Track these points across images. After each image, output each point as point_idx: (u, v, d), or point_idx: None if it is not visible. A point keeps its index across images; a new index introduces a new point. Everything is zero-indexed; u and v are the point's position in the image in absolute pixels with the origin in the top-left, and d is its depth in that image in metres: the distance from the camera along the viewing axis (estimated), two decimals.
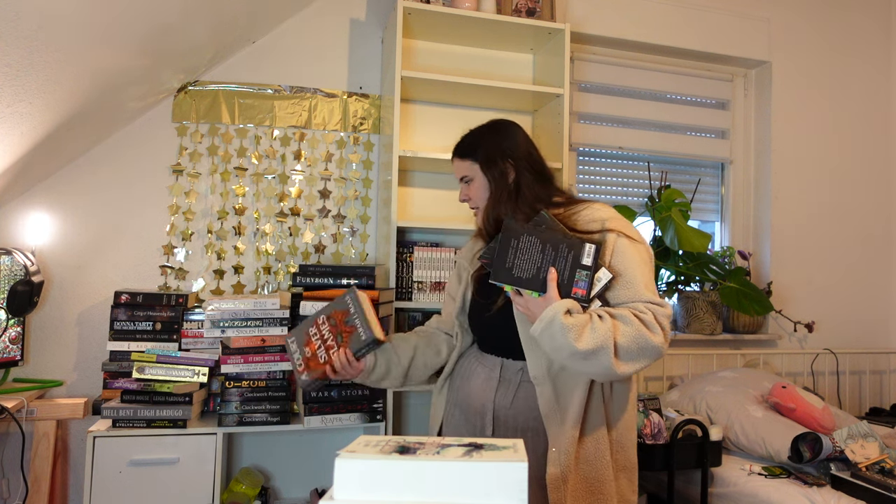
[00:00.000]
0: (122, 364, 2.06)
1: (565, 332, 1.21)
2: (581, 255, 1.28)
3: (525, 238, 1.30)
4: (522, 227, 1.32)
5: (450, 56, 2.61)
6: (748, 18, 3.03)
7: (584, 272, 1.28)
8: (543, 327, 1.23)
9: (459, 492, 0.60)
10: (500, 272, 1.29)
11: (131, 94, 2.16)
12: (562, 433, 1.32)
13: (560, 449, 1.32)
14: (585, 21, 2.77)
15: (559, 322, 1.21)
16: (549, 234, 1.31)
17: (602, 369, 1.23)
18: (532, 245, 1.29)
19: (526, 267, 1.29)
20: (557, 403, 1.34)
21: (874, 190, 3.26)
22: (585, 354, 1.21)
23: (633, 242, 1.35)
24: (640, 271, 1.32)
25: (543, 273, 1.28)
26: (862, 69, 3.27)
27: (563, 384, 1.34)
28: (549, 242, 1.29)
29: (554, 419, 1.33)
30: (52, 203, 2.23)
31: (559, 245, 1.29)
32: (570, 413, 1.33)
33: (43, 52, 1.55)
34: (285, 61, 2.48)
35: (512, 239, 1.30)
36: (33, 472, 2.02)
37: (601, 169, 2.99)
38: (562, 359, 1.26)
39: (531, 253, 1.29)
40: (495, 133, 1.51)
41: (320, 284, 2.06)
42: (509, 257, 1.29)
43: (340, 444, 1.61)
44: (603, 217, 1.37)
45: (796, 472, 2.02)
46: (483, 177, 1.48)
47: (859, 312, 3.18)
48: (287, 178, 2.45)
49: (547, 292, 1.26)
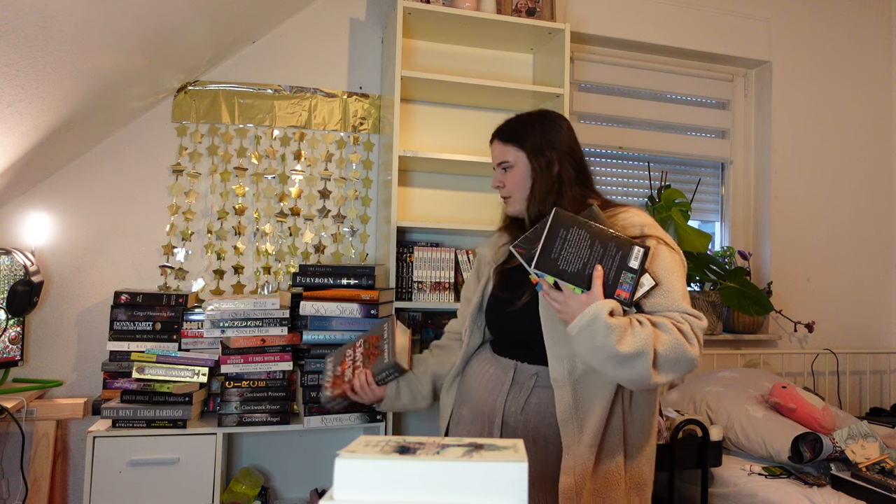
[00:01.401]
0: (122, 364, 2.06)
1: (609, 332, 1.16)
2: (629, 257, 1.24)
3: (575, 230, 1.23)
4: (574, 218, 1.25)
5: (450, 56, 2.61)
6: (748, 18, 3.03)
7: (629, 275, 1.24)
8: (585, 325, 1.18)
9: (459, 492, 0.60)
10: (545, 261, 1.21)
11: (131, 94, 2.16)
12: (578, 442, 1.27)
13: (576, 458, 1.27)
14: (585, 21, 2.77)
15: (603, 321, 1.17)
16: (600, 230, 1.25)
17: (637, 376, 1.19)
18: (581, 238, 1.23)
19: (572, 260, 1.22)
20: (576, 411, 1.28)
21: (874, 190, 3.26)
22: (625, 358, 1.17)
23: (671, 251, 1.32)
24: (679, 280, 1.29)
25: (589, 269, 1.22)
26: (862, 69, 3.27)
27: (585, 391, 1.29)
28: (598, 239, 1.24)
29: (571, 426, 1.28)
30: (52, 203, 2.23)
31: (608, 243, 1.24)
32: (589, 422, 1.28)
33: (43, 52, 1.55)
34: (285, 61, 2.48)
35: (562, 228, 1.23)
36: (33, 472, 2.01)
37: (601, 169, 2.99)
38: (598, 360, 1.21)
39: (579, 247, 1.23)
40: (544, 123, 1.46)
41: (320, 284, 2.06)
42: (556, 247, 1.22)
43: (340, 444, 1.60)
44: (643, 223, 1.34)
45: (796, 472, 2.02)
46: (528, 166, 1.43)
47: (859, 312, 3.18)
48: (287, 178, 2.45)
49: (591, 290, 1.21)
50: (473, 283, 1.61)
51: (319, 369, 2.04)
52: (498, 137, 1.50)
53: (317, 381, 2.04)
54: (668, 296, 1.27)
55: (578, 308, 1.21)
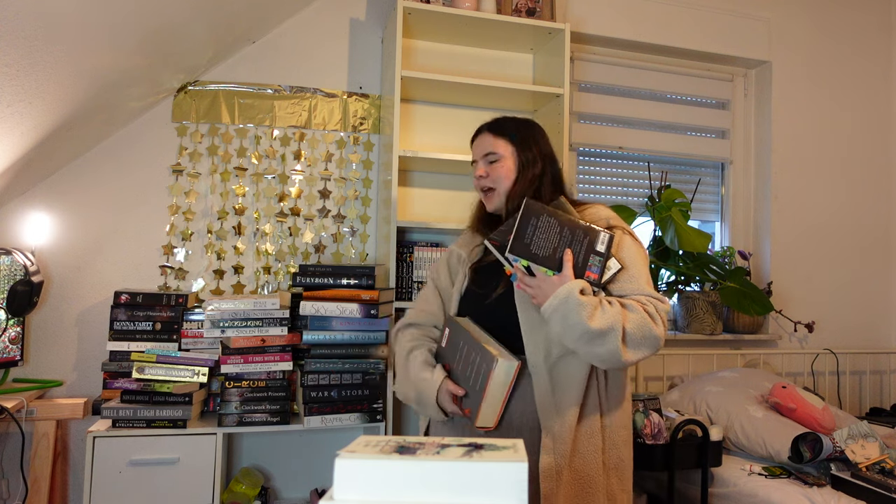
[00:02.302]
0: (122, 364, 2.06)
1: (580, 308, 1.24)
2: (596, 242, 1.33)
3: (545, 218, 1.33)
4: (543, 207, 1.35)
5: (450, 56, 2.61)
6: (748, 18, 3.03)
7: (597, 258, 1.33)
8: (558, 304, 1.26)
9: (459, 492, 0.60)
10: (518, 246, 1.30)
11: (131, 94, 2.16)
12: (558, 423, 1.33)
13: (555, 439, 1.33)
14: (585, 21, 2.77)
15: (575, 298, 1.24)
16: (568, 218, 1.35)
17: (608, 353, 1.26)
18: (551, 225, 1.32)
19: (543, 245, 1.31)
20: (553, 394, 1.35)
21: (874, 189, 3.26)
22: (596, 334, 1.24)
23: (634, 241, 1.43)
24: (643, 267, 1.39)
25: (560, 253, 1.31)
26: (862, 69, 3.27)
27: (561, 374, 1.35)
28: (566, 225, 1.33)
29: (549, 409, 1.34)
30: (52, 203, 2.23)
31: (576, 229, 1.33)
32: (566, 403, 1.34)
33: (43, 52, 1.55)
34: (285, 61, 2.48)
35: (532, 216, 1.32)
36: (33, 472, 2.01)
37: (601, 169, 2.99)
38: (571, 339, 1.27)
39: (549, 233, 1.32)
40: (529, 125, 1.57)
41: (320, 284, 2.06)
42: (528, 233, 1.31)
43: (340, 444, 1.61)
44: (607, 216, 1.46)
45: (796, 472, 2.02)
46: (514, 158, 1.50)
47: (859, 312, 3.18)
48: (287, 178, 2.45)
49: (563, 271, 1.29)
50: (446, 275, 1.60)
51: (319, 369, 2.04)
52: (488, 130, 1.56)
53: (317, 381, 2.04)
54: (633, 280, 1.36)
55: (551, 289, 1.28)
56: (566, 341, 1.30)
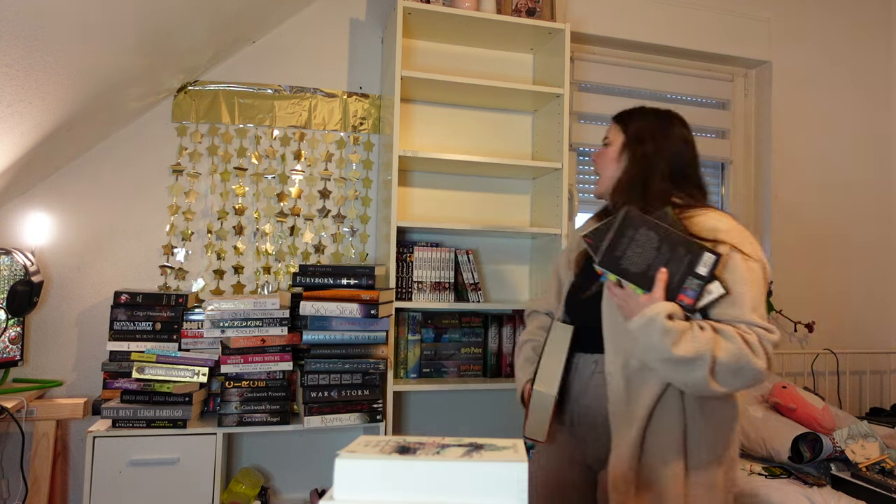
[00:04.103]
0: (122, 364, 2.06)
1: (663, 335, 1.17)
2: (697, 263, 1.21)
3: (643, 231, 1.23)
4: (643, 219, 1.24)
5: (450, 56, 2.61)
6: (748, 18, 3.03)
7: (696, 281, 1.21)
8: (642, 324, 1.20)
9: (459, 492, 0.60)
10: (609, 259, 1.23)
11: (131, 94, 2.16)
12: (629, 434, 1.29)
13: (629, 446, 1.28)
14: (585, 21, 2.77)
15: (660, 323, 1.18)
16: (670, 232, 1.24)
17: (693, 381, 1.19)
18: (648, 240, 1.23)
19: (637, 261, 1.23)
20: (628, 403, 1.30)
21: (874, 189, 3.26)
22: (679, 361, 1.17)
23: (746, 259, 1.27)
24: (750, 291, 1.24)
25: (653, 271, 1.22)
26: (862, 69, 3.27)
27: (638, 384, 1.30)
28: (666, 242, 1.23)
29: (622, 417, 1.30)
30: (52, 203, 2.23)
31: (677, 247, 1.22)
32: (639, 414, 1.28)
33: (43, 52, 1.55)
34: (285, 61, 2.48)
35: (629, 228, 1.23)
36: (33, 472, 2.01)
37: None
38: (653, 360, 1.23)
39: (646, 248, 1.23)
40: (658, 116, 1.50)
41: (320, 284, 2.06)
42: (622, 246, 1.23)
43: (340, 444, 1.61)
44: (717, 227, 1.30)
45: (796, 472, 2.02)
46: (622, 148, 1.46)
47: (859, 313, 3.18)
48: (287, 178, 2.45)
49: (652, 291, 1.21)
50: (565, 266, 1.58)
51: (319, 369, 2.04)
52: (617, 119, 1.55)
53: (317, 381, 2.04)
54: (735, 306, 1.23)
55: (637, 308, 1.22)
56: (648, 361, 1.25)
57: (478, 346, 2.45)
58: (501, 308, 2.50)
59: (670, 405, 1.29)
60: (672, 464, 1.27)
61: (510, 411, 2.61)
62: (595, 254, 1.26)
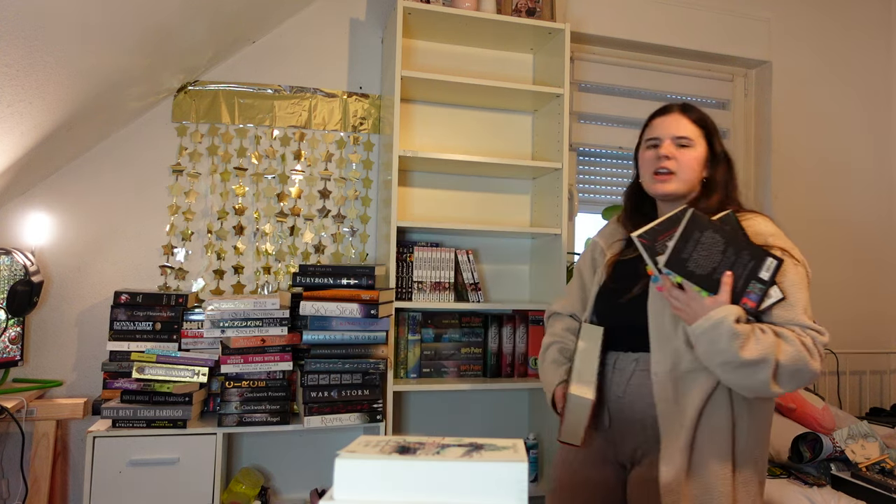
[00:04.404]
0: (122, 364, 2.06)
1: (732, 337, 1.18)
2: (761, 268, 1.24)
3: (709, 234, 1.24)
4: (710, 221, 1.25)
5: (450, 56, 2.61)
6: (748, 18, 3.03)
7: (758, 285, 1.24)
8: (709, 327, 1.20)
9: (459, 492, 0.60)
10: (675, 261, 1.22)
11: (131, 94, 2.16)
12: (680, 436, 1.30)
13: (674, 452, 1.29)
14: (585, 21, 2.77)
15: (728, 326, 1.19)
16: (735, 236, 1.25)
17: (755, 383, 1.22)
18: (714, 242, 1.23)
19: (702, 263, 1.23)
20: (677, 405, 1.31)
21: (874, 190, 3.26)
22: (744, 364, 1.19)
23: (795, 264, 1.32)
24: (801, 294, 1.29)
25: (718, 274, 1.23)
26: (862, 69, 3.27)
27: (686, 387, 1.31)
28: (732, 245, 1.24)
29: (671, 418, 1.31)
30: (52, 203, 2.23)
31: (742, 251, 1.24)
32: (689, 416, 1.29)
33: (43, 52, 1.55)
34: (285, 61, 2.48)
35: (696, 230, 1.23)
36: (33, 472, 2.01)
37: (601, 169, 2.99)
38: (715, 363, 1.23)
39: (711, 250, 1.23)
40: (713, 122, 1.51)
41: (320, 284, 2.06)
42: (688, 248, 1.22)
43: (340, 444, 1.61)
44: (766, 231, 1.35)
45: (796, 472, 2.02)
46: (705, 153, 1.45)
47: (859, 312, 3.18)
48: (287, 178, 2.45)
49: (718, 294, 1.22)
50: (588, 270, 1.59)
51: (319, 369, 2.04)
52: (681, 111, 1.49)
53: (317, 381, 2.04)
54: (790, 309, 1.27)
55: (701, 310, 1.22)
56: (709, 364, 1.26)
57: (478, 346, 2.45)
58: (501, 308, 2.50)
59: (719, 404, 1.31)
60: (722, 462, 1.29)
61: (510, 411, 2.61)
62: (648, 253, 1.26)
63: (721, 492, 1.28)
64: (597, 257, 1.58)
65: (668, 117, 1.48)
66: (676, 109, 1.49)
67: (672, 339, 1.32)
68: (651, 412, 1.34)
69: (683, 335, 1.31)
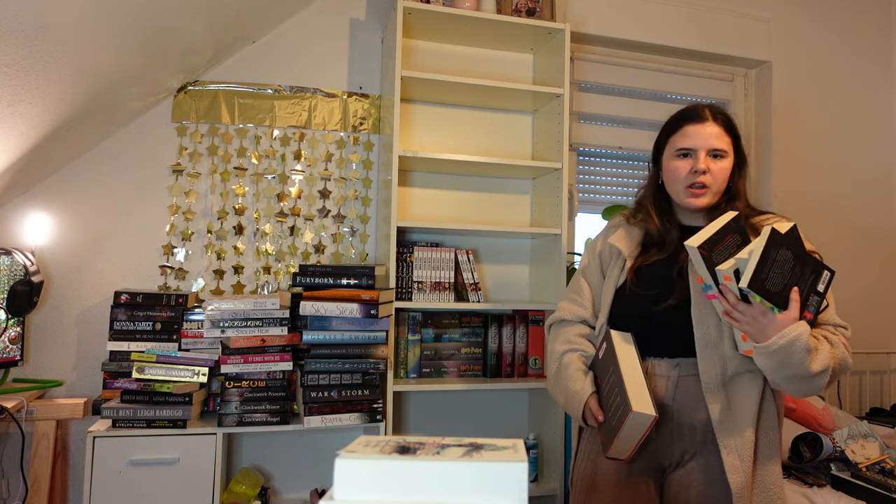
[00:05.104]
0: (122, 364, 2.06)
1: (806, 354, 1.22)
2: (819, 281, 1.27)
3: (783, 252, 1.23)
4: (783, 237, 1.24)
5: (450, 56, 2.61)
6: (748, 18, 3.03)
7: (816, 298, 1.27)
8: (785, 344, 1.21)
9: (459, 492, 0.60)
10: (756, 280, 1.20)
11: (131, 94, 2.16)
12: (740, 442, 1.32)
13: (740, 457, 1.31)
14: (585, 21, 2.77)
15: (803, 342, 1.21)
16: (802, 252, 1.26)
17: (813, 388, 1.28)
18: (786, 259, 1.23)
19: (776, 280, 1.22)
20: (731, 410, 1.33)
21: (874, 190, 3.26)
22: (813, 375, 1.24)
23: None
24: (830, 294, 1.34)
25: (788, 290, 1.23)
26: (862, 69, 3.27)
27: (737, 391, 1.34)
28: (799, 260, 1.25)
29: (727, 426, 1.32)
30: (52, 203, 2.23)
31: (805, 266, 1.26)
32: (744, 421, 1.33)
33: (43, 52, 1.55)
34: (285, 61, 2.48)
35: (773, 249, 1.21)
36: (33, 472, 2.01)
37: (601, 169, 2.99)
38: (783, 375, 1.26)
39: (784, 267, 1.23)
40: None
41: (320, 284, 2.06)
42: (766, 267, 1.21)
43: (340, 444, 1.62)
44: None
45: (796, 472, 2.02)
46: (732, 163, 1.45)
47: (859, 312, 3.17)
48: (287, 178, 2.45)
49: (789, 311, 1.23)
50: (597, 271, 1.54)
51: (319, 369, 2.04)
52: (717, 120, 1.44)
53: (317, 381, 2.04)
54: (826, 310, 1.35)
55: (773, 328, 1.23)
56: (773, 376, 1.28)
57: (478, 346, 2.45)
58: (501, 308, 2.50)
59: (769, 403, 1.37)
60: (775, 459, 1.37)
61: (510, 411, 2.61)
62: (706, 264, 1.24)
63: (777, 488, 1.35)
64: (607, 258, 1.52)
65: (704, 127, 1.42)
66: (709, 116, 1.43)
67: (718, 346, 1.33)
68: (700, 416, 1.35)
69: (730, 341, 1.32)
